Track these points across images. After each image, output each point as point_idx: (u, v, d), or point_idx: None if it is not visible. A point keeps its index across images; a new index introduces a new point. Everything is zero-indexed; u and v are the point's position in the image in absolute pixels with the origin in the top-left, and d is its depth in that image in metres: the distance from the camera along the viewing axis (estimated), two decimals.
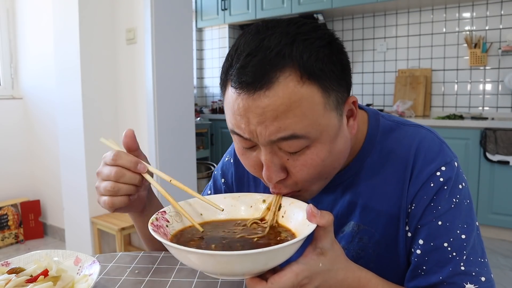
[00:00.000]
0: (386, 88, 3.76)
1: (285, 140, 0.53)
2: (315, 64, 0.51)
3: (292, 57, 0.51)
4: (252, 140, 0.55)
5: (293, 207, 0.58)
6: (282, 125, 0.52)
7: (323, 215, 0.49)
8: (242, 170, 0.79)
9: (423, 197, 0.61)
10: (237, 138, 0.57)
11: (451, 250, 0.59)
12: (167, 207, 0.58)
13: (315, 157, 0.55)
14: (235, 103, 0.54)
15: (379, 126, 0.67)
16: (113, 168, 0.60)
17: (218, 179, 0.84)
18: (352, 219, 0.68)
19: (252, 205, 0.62)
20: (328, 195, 0.69)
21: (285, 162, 0.56)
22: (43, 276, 0.61)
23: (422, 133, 0.65)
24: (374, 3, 3.40)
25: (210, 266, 0.44)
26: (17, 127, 3.13)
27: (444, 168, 0.61)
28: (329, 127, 0.55)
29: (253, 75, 0.51)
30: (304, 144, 0.54)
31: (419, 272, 0.61)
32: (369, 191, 0.66)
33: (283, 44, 0.51)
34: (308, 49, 0.52)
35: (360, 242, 0.67)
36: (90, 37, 2.37)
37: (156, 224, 0.53)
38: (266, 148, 0.55)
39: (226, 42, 4.49)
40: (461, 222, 0.60)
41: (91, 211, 2.47)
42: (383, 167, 0.65)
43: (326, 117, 0.54)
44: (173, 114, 2.39)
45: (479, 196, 2.93)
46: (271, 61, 0.51)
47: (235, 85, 0.53)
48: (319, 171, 0.57)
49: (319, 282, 0.50)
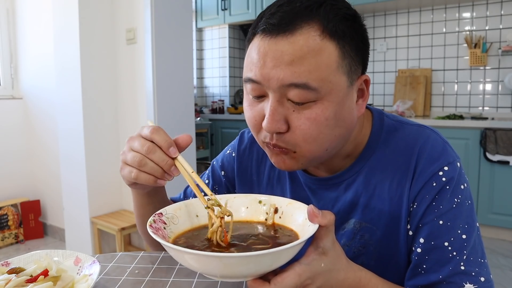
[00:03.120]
0: (386, 88, 3.76)
1: (296, 88, 0.55)
2: (338, 25, 0.55)
3: (320, 13, 0.55)
4: (263, 85, 0.57)
5: (290, 208, 0.57)
6: (297, 70, 0.54)
7: (324, 215, 0.49)
8: (246, 165, 0.80)
9: (425, 196, 0.62)
10: (249, 86, 0.59)
11: (452, 249, 0.60)
12: (163, 209, 0.57)
13: (321, 113, 0.56)
14: (256, 47, 0.57)
15: (384, 125, 0.68)
16: (147, 142, 0.58)
17: (217, 170, 0.84)
18: (353, 216, 0.68)
19: (248, 206, 0.61)
20: (330, 192, 0.70)
21: (289, 114, 0.57)
22: (43, 276, 0.61)
23: (425, 133, 0.66)
24: (374, 3, 3.40)
25: (214, 268, 0.44)
26: (17, 127, 3.13)
27: (447, 168, 0.62)
28: (339, 87, 0.57)
29: (280, 19, 0.55)
30: (313, 97, 0.55)
31: (419, 270, 0.62)
32: (371, 189, 0.66)
33: (313, 2, 0.56)
34: (335, 12, 0.56)
35: (361, 239, 0.67)
36: (90, 37, 2.37)
37: (154, 227, 0.52)
38: (275, 95, 0.56)
39: (226, 42, 4.49)
40: (462, 222, 0.61)
41: (91, 211, 2.47)
42: (386, 165, 0.66)
43: (338, 77, 0.56)
44: (173, 114, 2.39)
45: (479, 196, 2.93)
46: (299, 12, 0.55)
47: (262, 29, 0.56)
48: (321, 130, 0.57)
49: (321, 282, 0.50)
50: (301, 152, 0.59)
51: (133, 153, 0.58)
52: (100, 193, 2.51)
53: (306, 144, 0.58)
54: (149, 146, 0.57)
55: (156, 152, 0.57)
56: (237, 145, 0.83)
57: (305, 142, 0.58)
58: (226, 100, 4.50)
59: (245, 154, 0.81)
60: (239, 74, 4.62)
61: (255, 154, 0.80)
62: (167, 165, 0.58)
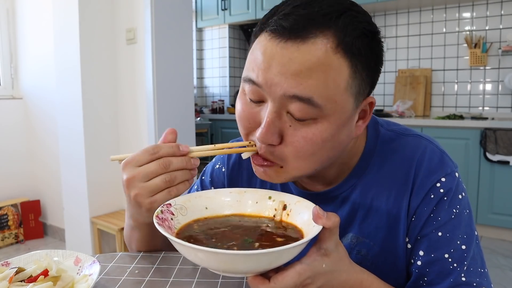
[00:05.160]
0: (386, 88, 3.76)
1: (299, 101, 0.51)
2: (355, 41, 0.51)
3: (338, 24, 0.50)
4: (264, 91, 0.53)
5: (298, 206, 0.57)
6: (303, 82, 0.50)
7: (329, 216, 0.48)
8: (236, 180, 0.77)
9: (424, 208, 0.61)
10: (248, 87, 0.55)
11: (452, 261, 0.59)
12: (172, 199, 0.57)
13: (318, 133, 0.53)
14: (262, 47, 0.52)
15: (379, 136, 0.66)
16: (158, 161, 0.55)
17: (207, 186, 0.81)
18: (350, 230, 0.66)
19: (258, 201, 0.61)
20: (326, 206, 0.68)
21: (286, 128, 0.53)
22: (43, 276, 0.61)
23: (422, 144, 0.64)
24: (374, 3, 3.40)
25: (214, 263, 0.44)
26: (17, 127, 3.13)
27: (444, 179, 0.61)
28: (343, 109, 0.53)
29: (294, 23, 0.50)
30: (314, 114, 0.52)
31: (421, 283, 0.61)
32: (368, 203, 0.65)
33: (333, 10, 0.51)
34: (354, 25, 0.51)
35: (358, 255, 0.66)
36: (90, 37, 2.37)
37: (161, 217, 0.52)
38: (274, 104, 0.52)
39: (226, 42, 4.49)
40: (461, 232, 0.60)
41: (91, 211, 2.47)
42: (383, 178, 0.64)
43: (344, 98, 0.53)
44: (173, 114, 2.39)
45: (479, 196, 2.92)
46: (316, 18, 0.50)
47: (271, 28, 0.51)
48: (315, 151, 0.54)
49: (322, 282, 0.50)
50: (288, 168, 0.57)
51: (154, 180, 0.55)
52: (100, 193, 2.51)
53: (295, 161, 0.55)
54: (164, 162, 0.55)
55: (173, 162, 0.55)
56: (226, 159, 0.79)
57: (295, 159, 0.55)
58: (226, 100, 4.51)
59: (235, 168, 0.78)
60: (239, 74, 4.62)
61: (245, 167, 0.77)
62: (189, 163, 0.56)
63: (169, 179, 0.55)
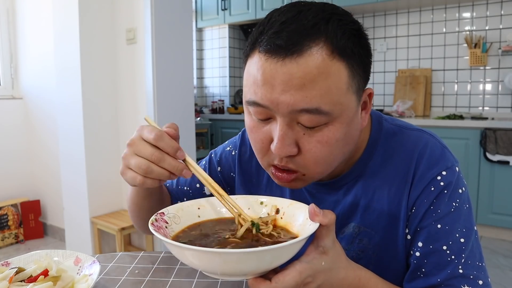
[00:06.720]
0: (386, 88, 3.76)
1: (307, 113, 0.53)
2: (347, 43, 0.53)
3: (327, 32, 0.52)
4: (271, 110, 0.54)
5: (291, 208, 0.57)
6: (309, 95, 0.51)
7: (325, 214, 0.49)
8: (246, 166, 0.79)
9: (424, 200, 0.62)
10: (254, 109, 0.56)
11: (450, 253, 0.60)
12: (165, 208, 0.58)
13: (332, 135, 0.55)
14: (260, 68, 0.53)
15: (382, 130, 0.68)
16: (154, 150, 0.55)
17: (214, 164, 0.84)
18: (353, 220, 0.68)
19: (249, 207, 0.61)
20: (330, 196, 0.70)
21: (300, 137, 0.55)
22: (43, 276, 0.61)
23: (424, 137, 0.66)
24: (374, 3, 3.40)
25: (215, 265, 0.44)
26: (17, 127, 3.13)
27: (445, 173, 0.62)
28: (349, 108, 0.56)
29: (287, 40, 0.51)
30: (324, 120, 0.54)
31: (418, 274, 0.62)
32: (370, 194, 0.66)
33: (319, 18, 0.53)
34: (342, 29, 0.53)
35: (360, 243, 0.67)
36: (90, 37, 2.37)
37: (156, 225, 0.53)
38: (284, 119, 0.54)
39: (226, 42, 4.49)
40: (460, 226, 0.61)
41: (91, 211, 2.47)
42: (385, 170, 0.66)
43: (348, 98, 0.55)
44: (173, 114, 2.39)
45: (479, 196, 2.92)
46: (306, 30, 0.52)
47: (265, 48, 0.52)
48: (332, 151, 0.56)
49: (322, 281, 0.50)
50: (310, 174, 0.59)
51: (138, 159, 0.56)
52: (100, 193, 2.51)
53: (317, 167, 0.58)
54: (157, 155, 0.55)
55: (165, 160, 0.56)
56: (239, 145, 0.82)
57: (315, 165, 0.57)
58: (226, 100, 4.50)
59: (246, 155, 0.81)
60: (239, 74, 4.62)
61: (255, 157, 0.80)
62: (179, 170, 0.56)
63: (144, 168, 0.55)
